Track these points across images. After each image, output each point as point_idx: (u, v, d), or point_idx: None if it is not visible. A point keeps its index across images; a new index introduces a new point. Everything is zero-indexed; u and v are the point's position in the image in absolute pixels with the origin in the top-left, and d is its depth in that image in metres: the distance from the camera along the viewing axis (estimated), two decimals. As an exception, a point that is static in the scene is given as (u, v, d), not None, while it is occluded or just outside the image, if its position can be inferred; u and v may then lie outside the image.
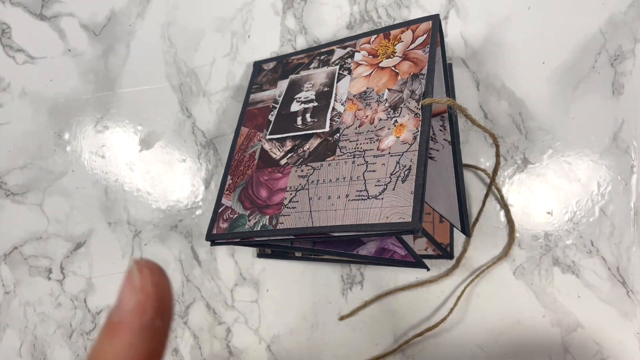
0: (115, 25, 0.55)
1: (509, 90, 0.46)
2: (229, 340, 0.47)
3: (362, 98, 0.39)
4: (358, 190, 0.34)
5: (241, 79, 0.52)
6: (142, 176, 0.52)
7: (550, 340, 0.41)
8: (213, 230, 0.41)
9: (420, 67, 0.37)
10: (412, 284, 0.44)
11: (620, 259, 0.41)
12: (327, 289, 0.46)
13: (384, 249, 0.39)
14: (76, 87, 0.54)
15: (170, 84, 0.53)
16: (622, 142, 0.43)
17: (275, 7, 0.53)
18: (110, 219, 0.51)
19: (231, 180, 0.43)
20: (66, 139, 0.53)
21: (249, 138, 0.45)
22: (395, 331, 0.44)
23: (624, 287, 0.41)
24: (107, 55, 0.55)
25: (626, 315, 0.40)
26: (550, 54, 0.45)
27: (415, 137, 0.34)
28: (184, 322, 0.48)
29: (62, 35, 0.56)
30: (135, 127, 0.53)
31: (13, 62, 0.56)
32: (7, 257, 0.51)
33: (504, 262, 0.43)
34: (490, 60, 0.46)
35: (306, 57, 0.46)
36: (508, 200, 0.44)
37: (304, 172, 0.38)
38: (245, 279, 0.48)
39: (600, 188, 0.42)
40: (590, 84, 0.44)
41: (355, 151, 0.37)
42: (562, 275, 0.42)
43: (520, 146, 0.44)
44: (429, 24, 0.39)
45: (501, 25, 0.47)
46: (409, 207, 0.31)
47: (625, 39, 0.44)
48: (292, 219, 0.36)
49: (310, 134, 0.40)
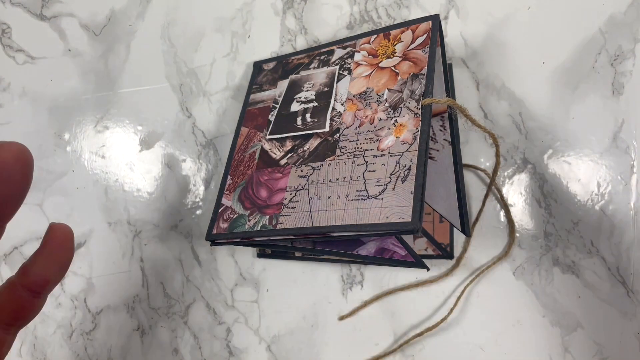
0: (115, 26, 0.55)
1: (509, 90, 0.46)
2: (229, 340, 0.47)
3: (362, 98, 0.39)
4: (358, 190, 0.34)
5: (241, 79, 0.52)
6: (142, 176, 0.52)
7: (550, 340, 0.41)
8: (213, 230, 0.41)
9: (420, 67, 0.37)
10: (412, 284, 0.44)
11: (620, 259, 0.41)
12: (327, 289, 0.46)
13: (384, 249, 0.39)
14: (76, 87, 0.54)
15: (170, 84, 0.53)
16: (622, 142, 0.43)
17: (275, 7, 0.53)
18: (110, 219, 0.51)
19: (231, 180, 0.43)
20: (66, 139, 0.53)
21: (249, 138, 0.45)
22: (395, 331, 0.44)
23: (624, 287, 0.41)
24: (107, 55, 0.55)
25: (626, 315, 0.40)
26: (550, 54, 0.45)
27: (415, 137, 0.34)
28: (184, 322, 0.48)
29: (62, 35, 0.56)
30: (135, 127, 0.53)
31: (13, 62, 0.56)
32: (7, 257, 0.52)
33: (504, 262, 0.43)
34: (490, 60, 0.46)
35: (306, 57, 0.46)
36: (508, 200, 0.44)
37: (303, 172, 0.38)
38: (245, 279, 0.48)
39: (600, 188, 0.42)
40: (590, 84, 0.44)
41: (355, 151, 0.37)
42: (562, 275, 0.42)
43: (520, 146, 0.44)
44: (429, 24, 0.39)
45: (501, 25, 0.47)
46: (408, 207, 0.31)
47: (625, 39, 0.44)
48: (292, 219, 0.36)
49: (310, 134, 0.40)
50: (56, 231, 0.21)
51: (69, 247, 0.21)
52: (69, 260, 0.21)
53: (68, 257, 0.21)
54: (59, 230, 0.21)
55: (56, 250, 0.20)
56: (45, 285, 0.20)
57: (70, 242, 0.21)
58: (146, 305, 0.49)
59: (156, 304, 0.49)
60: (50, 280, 0.20)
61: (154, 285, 0.49)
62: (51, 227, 0.21)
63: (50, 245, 0.20)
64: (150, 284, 0.49)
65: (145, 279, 0.50)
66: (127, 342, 0.49)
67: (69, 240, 0.21)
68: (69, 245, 0.21)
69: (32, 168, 0.18)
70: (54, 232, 0.21)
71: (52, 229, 0.21)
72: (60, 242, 0.20)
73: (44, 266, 0.20)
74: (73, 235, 0.21)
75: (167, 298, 0.49)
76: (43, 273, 0.20)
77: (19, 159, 0.17)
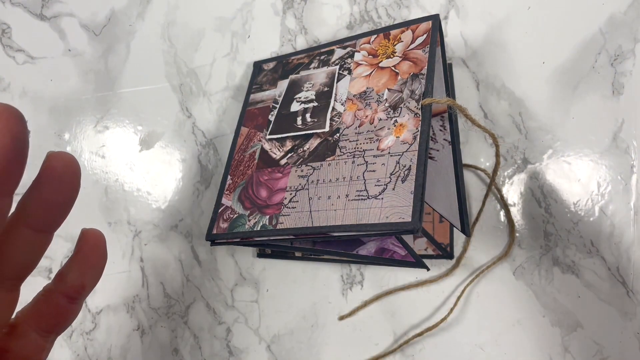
0: (115, 25, 0.55)
1: (509, 90, 0.46)
2: (229, 340, 0.47)
3: (362, 98, 0.39)
4: (358, 190, 0.34)
5: (241, 79, 0.52)
6: (142, 176, 0.52)
7: (550, 340, 0.41)
8: (213, 230, 0.41)
9: (420, 67, 0.37)
10: (412, 284, 0.44)
11: (620, 259, 0.41)
12: (327, 289, 0.46)
13: (384, 249, 0.39)
14: (76, 87, 0.54)
15: (170, 84, 0.53)
16: (622, 142, 0.43)
17: (275, 7, 0.53)
18: (110, 219, 0.51)
19: (231, 180, 0.43)
20: (66, 139, 0.53)
21: (249, 138, 0.45)
22: (395, 331, 0.44)
23: (624, 287, 0.41)
24: (107, 55, 0.55)
25: (626, 315, 0.40)
26: (550, 54, 0.45)
27: (415, 137, 0.34)
28: (184, 322, 0.48)
29: (62, 35, 0.56)
30: (135, 127, 0.53)
31: (13, 62, 0.56)
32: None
33: (504, 262, 0.43)
34: (490, 60, 0.46)
35: (306, 57, 0.46)
36: (508, 200, 0.44)
37: (303, 172, 0.38)
38: (245, 279, 0.48)
39: (600, 188, 0.42)
40: (590, 84, 0.44)
41: (355, 151, 0.37)
42: (562, 275, 0.42)
43: (520, 146, 0.44)
44: (429, 24, 0.39)
45: (501, 25, 0.47)
46: (408, 207, 0.31)
47: (625, 39, 0.44)
48: (292, 219, 0.36)
49: (310, 134, 0.40)
50: (89, 237, 0.21)
51: (102, 252, 0.21)
52: (103, 264, 0.21)
53: (102, 261, 0.21)
54: (91, 235, 0.21)
55: (90, 255, 0.21)
56: (81, 291, 0.21)
57: (103, 247, 0.21)
58: (146, 305, 0.49)
59: (156, 304, 0.49)
60: (86, 286, 0.21)
61: (154, 285, 0.49)
62: (83, 233, 0.21)
63: (84, 251, 0.21)
64: (150, 284, 0.49)
65: (145, 279, 0.50)
66: (127, 342, 0.49)
67: (101, 245, 0.21)
68: (102, 250, 0.21)
69: (79, 177, 0.18)
70: (86, 237, 0.21)
71: (84, 235, 0.21)
72: (93, 248, 0.21)
73: (80, 272, 0.20)
74: (105, 240, 0.21)
75: (167, 298, 0.49)
76: (79, 279, 0.20)
77: (68, 168, 0.18)
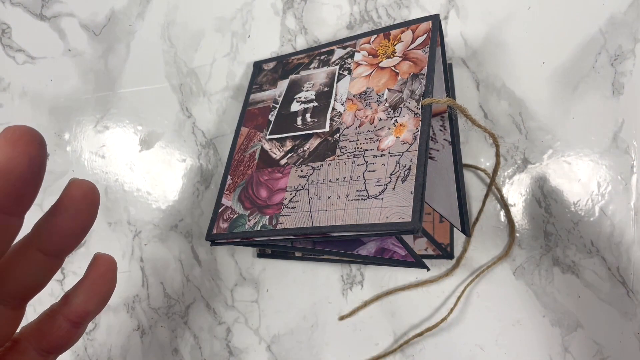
0: (115, 25, 0.55)
1: (509, 90, 0.46)
2: (229, 340, 0.47)
3: (362, 98, 0.39)
4: (358, 190, 0.34)
5: (241, 79, 0.52)
6: (142, 176, 0.52)
7: (550, 340, 0.41)
8: (213, 230, 0.41)
9: (420, 67, 0.37)
10: (412, 284, 0.44)
11: (620, 259, 0.41)
12: (327, 289, 0.46)
13: (384, 249, 0.39)
14: (76, 87, 0.54)
15: (170, 84, 0.53)
16: (622, 142, 0.43)
17: (275, 7, 0.53)
18: (110, 219, 0.51)
19: (231, 180, 0.43)
20: (66, 139, 0.53)
21: (249, 138, 0.45)
22: (395, 331, 0.44)
23: (624, 287, 0.41)
24: (107, 55, 0.55)
25: (626, 315, 0.40)
26: (550, 54, 0.45)
27: (415, 137, 0.34)
28: (184, 322, 0.48)
29: (62, 35, 0.56)
30: (135, 127, 0.53)
31: (13, 62, 0.56)
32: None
33: (504, 262, 0.43)
34: (490, 60, 0.46)
35: (306, 57, 0.46)
36: (508, 200, 0.44)
37: (303, 172, 0.38)
38: (245, 279, 0.48)
39: (600, 188, 0.42)
40: (590, 84, 0.44)
41: (355, 151, 0.37)
42: (562, 275, 0.42)
43: (520, 146, 0.44)
44: (429, 24, 0.39)
45: (501, 25, 0.47)
46: (409, 207, 0.31)
47: (625, 39, 0.44)
48: (292, 219, 0.36)
49: (310, 134, 0.40)
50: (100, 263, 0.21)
51: (111, 279, 0.21)
52: (110, 292, 0.21)
53: (110, 289, 0.21)
54: (102, 261, 0.21)
55: (98, 282, 0.21)
56: (85, 316, 0.21)
57: (113, 274, 0.21)
58: (146, 305, 0.49)
59: (156, 304, 0.49)
60: (90, 312, 0.21)
61: (154, 285, 0.49)
62: (96, 257, 0.21)
63: (93, 276, 0.20)
64: (150, 284, 0.49)
65: (145, 279, 0.50)
66: (127, 342, 0.49)
67: (111, 272, 0.21)
68: (112, 277, 0.21)
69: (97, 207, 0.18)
70: (97, 263, 0.21)
71: (96, 260, 0.21)
72: (102, 274, 0.21)
73: (86, 298, 0.20)
74: (116, 267, 0.21)
75: (167, 298, 0.49)
76: (83, 305, 0.20)
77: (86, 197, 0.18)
